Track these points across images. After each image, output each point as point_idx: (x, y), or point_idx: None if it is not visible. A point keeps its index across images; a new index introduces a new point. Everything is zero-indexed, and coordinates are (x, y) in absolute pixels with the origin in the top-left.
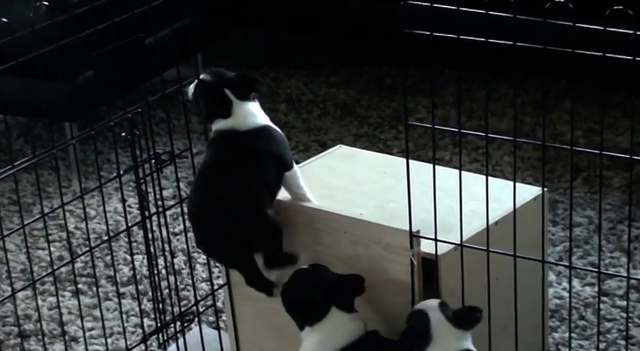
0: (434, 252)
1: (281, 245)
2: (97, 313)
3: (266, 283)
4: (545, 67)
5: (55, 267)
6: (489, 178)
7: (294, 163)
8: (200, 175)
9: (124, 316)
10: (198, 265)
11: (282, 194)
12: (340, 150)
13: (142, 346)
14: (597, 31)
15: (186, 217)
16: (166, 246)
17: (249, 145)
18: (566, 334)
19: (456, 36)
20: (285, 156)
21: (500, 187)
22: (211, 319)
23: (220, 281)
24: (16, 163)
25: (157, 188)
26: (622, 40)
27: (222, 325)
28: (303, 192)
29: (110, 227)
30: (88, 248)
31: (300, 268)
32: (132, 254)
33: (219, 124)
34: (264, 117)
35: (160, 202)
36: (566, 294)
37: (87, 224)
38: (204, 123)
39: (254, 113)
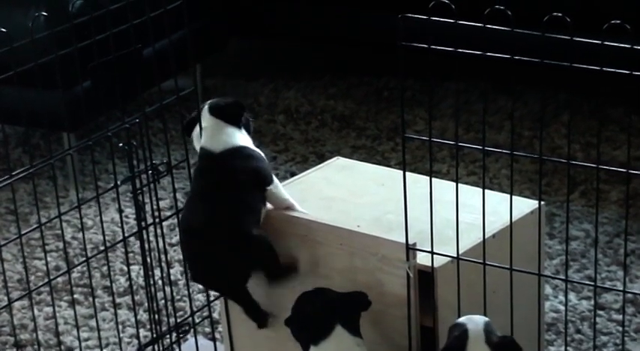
0: (430, 264)
1: (276, 258)
2: (93, 323)
3: (260, 313)
4: (543, 81)
5: (51, 277)
6: (486, 190)
7: (274, 177)
8: (187, 207)
9: (120, 327)
10: None
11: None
12: (338, 161)
13: None
14: (595, 45)
15: None
16: (163, 257)
17: (224, 167)
18: (563, 348)
19: (453, 49)
20: (263, 172)
21: (498, 200)
22: (207, 330)
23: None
24: (13, 173)
25: (154, 199)
26: (620, 55)
27: (217, 336)
28: (288, 202)
29: (107, 237)
30: (84, 258)
31: (304, 291)
32: (128, 265)
33: (196, 138)
34: (244, 139)
35: (156, 213)
36: (562, 307)
37: (84, 234)
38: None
39: (228, 134)
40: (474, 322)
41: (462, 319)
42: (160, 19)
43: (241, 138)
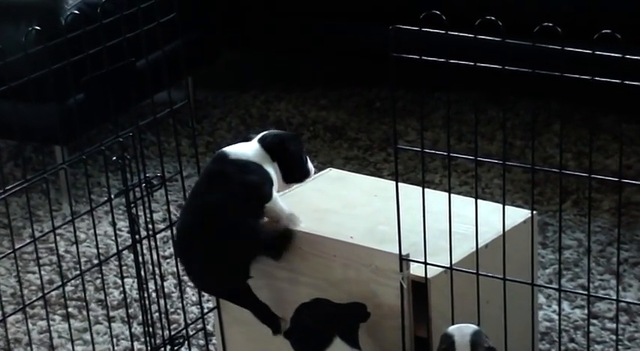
0: (424, 275)
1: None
2: (87, 336)
3: (273, 317)
4: (534, 91)
5: (45, 291)
6: (479, 200)
7: (273, 193)
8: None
9: (114, 340)
10: (188, 289)
11: None
12: (330, 173)
13: None
14: (586, 55)
15: None
16: (156, 269)
17: (229, 173)
18: None
19: (445, 60)
20: (264, 188)
21: (490, 209)
22: (201, 342)
23: (210, 304)
24: (7, 188)
25: (148, 212)
26: (610, 64)
27: (212, 348)
28: (288, 215)
29: (100, 251)
30: (78, 272)
31: (302, 303)
32: (122, 278)
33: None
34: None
35: (150, 226)
36: (555, 316)
37: (77, 248)
38: None
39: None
40: (462, 332)
41: (451, 329)
42: (152, 32)
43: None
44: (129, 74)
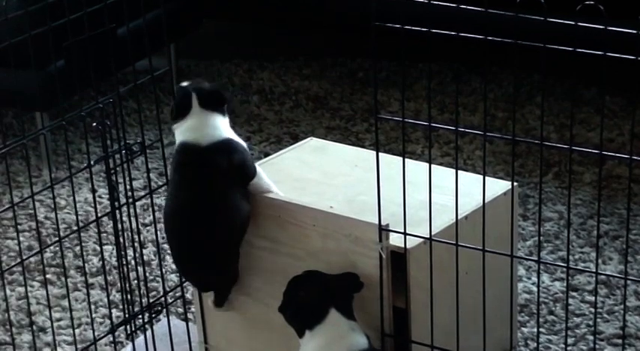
0: (403, 245)
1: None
2: (65, 303)
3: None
4: (516, 62)
5: (24, 257)
6: (460, 172)
7: (257, 167)
8: (170, 198)
9: (93, 307)
10: (167, 257)
11: None
12: (311, 142)
13: (110, 337)
14: (569, 26)
15: (156, 208)
16: (136, 237)
17: (212, 162)
18: (535, 329)
19: (427, 29)
20: (247, 166)
21: (471, 181)
22: (180, 310)
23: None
24: None
25: (128, 179)
26: (594, 36)
27: (190, 316)
28: (271, 189)
29: (80, 217)
30: (57, 238)
31: (295, 276)
32: (101, 245)
33: (181, 132)
34: (228, 130)
35: (130, 193)
36: (535, 289)
37: (56, 214)
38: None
39: (215, 125)
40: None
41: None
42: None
43: (225, 128)
44: (110, 41)
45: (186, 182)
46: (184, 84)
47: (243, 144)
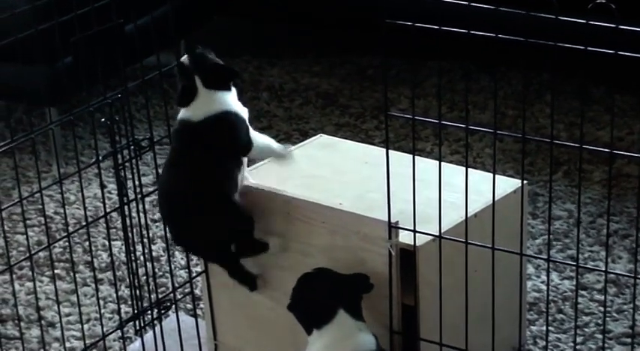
0: (412, 243)
1: (252, 233)
2: (74, 298)
3: (248, 275)
4: (527, 60)
5: (32, 251)
6: (470, 169)
7: (256, 137)
8: (164, 172)
9: (102, 302)
10: (176, 253)
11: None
12: (321, 139)
13: (119, 333)
14: (579, 25)
15: None
16: (145, 232)
17: (203, 138)
18: (544, 328)
19: (437, 27)
20: (238, 139)
21: (481, 179)
22: (189, 306)
23: (198, 269)
24: None
25: (136, 175)
26: (604, 34)
27: (199, 312)
28: (274, 152)
29: (89, 213)
30: (66, 233)
31: (305, 273)
32: (110, 240)
33: (180, 112)
34: (228, 103)
35: (138, 189)
36: (544, 287)
37: (65, 209)
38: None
39: (216, 101)
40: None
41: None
42: None
43: (225, 102)
44: (118, 36)
45: (175, 158)
46: (185, 60)
47: (243, 116)
